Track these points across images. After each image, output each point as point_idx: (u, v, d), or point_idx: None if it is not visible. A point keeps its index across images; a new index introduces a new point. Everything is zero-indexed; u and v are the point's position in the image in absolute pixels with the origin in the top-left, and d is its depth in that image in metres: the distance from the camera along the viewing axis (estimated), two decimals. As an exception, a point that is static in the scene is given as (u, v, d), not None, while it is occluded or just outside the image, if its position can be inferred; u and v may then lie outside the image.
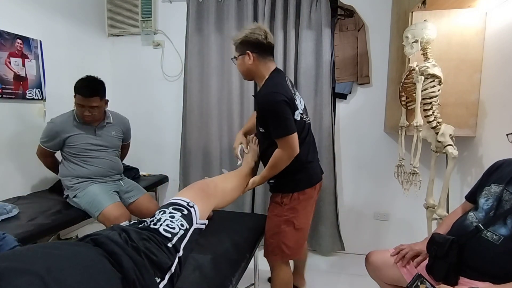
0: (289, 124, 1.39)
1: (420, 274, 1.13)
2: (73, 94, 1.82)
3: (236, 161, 1.66)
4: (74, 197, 1.82)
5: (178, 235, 0.98)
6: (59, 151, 1.93)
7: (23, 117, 2.04)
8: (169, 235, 0.96)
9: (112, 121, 2.00)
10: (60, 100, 2.29)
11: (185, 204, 1.07)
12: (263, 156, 1.59)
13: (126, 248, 0.85)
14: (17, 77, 1.98)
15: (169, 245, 0.95)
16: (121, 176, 2.07)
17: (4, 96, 1.90)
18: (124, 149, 2.18)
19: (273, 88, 1.44)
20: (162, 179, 2.71)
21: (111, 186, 1.93)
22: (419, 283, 1.08)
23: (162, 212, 1.04)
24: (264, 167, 1.54)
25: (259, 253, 1.73)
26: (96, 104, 1.81)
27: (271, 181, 1.55)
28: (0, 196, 1.88)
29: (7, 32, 1.91)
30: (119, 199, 1.89)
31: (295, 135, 1.41)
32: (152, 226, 0.99)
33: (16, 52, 1.97)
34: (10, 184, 1.98)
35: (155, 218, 1.03)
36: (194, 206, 1.08)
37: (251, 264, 1.53)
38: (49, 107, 2.19)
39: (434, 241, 1.16)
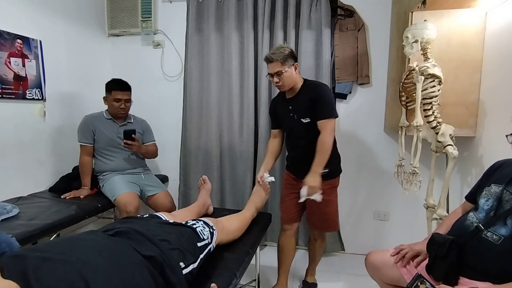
0: (335, 108, 1.66)
1: (420, 274, 1.13)
2: (105, 95, 2.11)
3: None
4: (102, 186, 2.13)
5: (205, 242, 1.19)
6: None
7: (23, 117, 2.04)
8: (201, 236, 1.20)
9: (132, 121, 2.26)
10: (60, 100, 2.30)
11: (211, 225, 1.31)
12: (302, 155, 1.70)
13: (150, 236, 1.01)
14: (17, 77, 1.98)
15: (198, 244, 1.15)
16: (144, 170, 2.29)
17: (4, 96, 1.90)
18: (148, 148, 2.29)
19: (318, 82, 1.78)
20: (162, 179, 2.70)
21: (131, 178, 2.17)
22: (419, 283, 1.09)
23: (195, 221, 1.28)
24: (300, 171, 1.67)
25: (260, 250, 1.76)
26: (129, 97, 2.15)
27: (325, 170, 1.61)
28: (0, 197, 1.88)
29: (7, 32, 1.91)
30: (136, 190, 2.10)
31: None
32: (189, 224, 1.23)
33: (16, 52, 1.97)
34: (10, 184, 1.97)
35: (189, 222, 1.26)
36: (215, 230, 1.30)
37: (252, 261, 1.55)
38: (49, 107, 2.19)
39: (434, 241, 1.16)
